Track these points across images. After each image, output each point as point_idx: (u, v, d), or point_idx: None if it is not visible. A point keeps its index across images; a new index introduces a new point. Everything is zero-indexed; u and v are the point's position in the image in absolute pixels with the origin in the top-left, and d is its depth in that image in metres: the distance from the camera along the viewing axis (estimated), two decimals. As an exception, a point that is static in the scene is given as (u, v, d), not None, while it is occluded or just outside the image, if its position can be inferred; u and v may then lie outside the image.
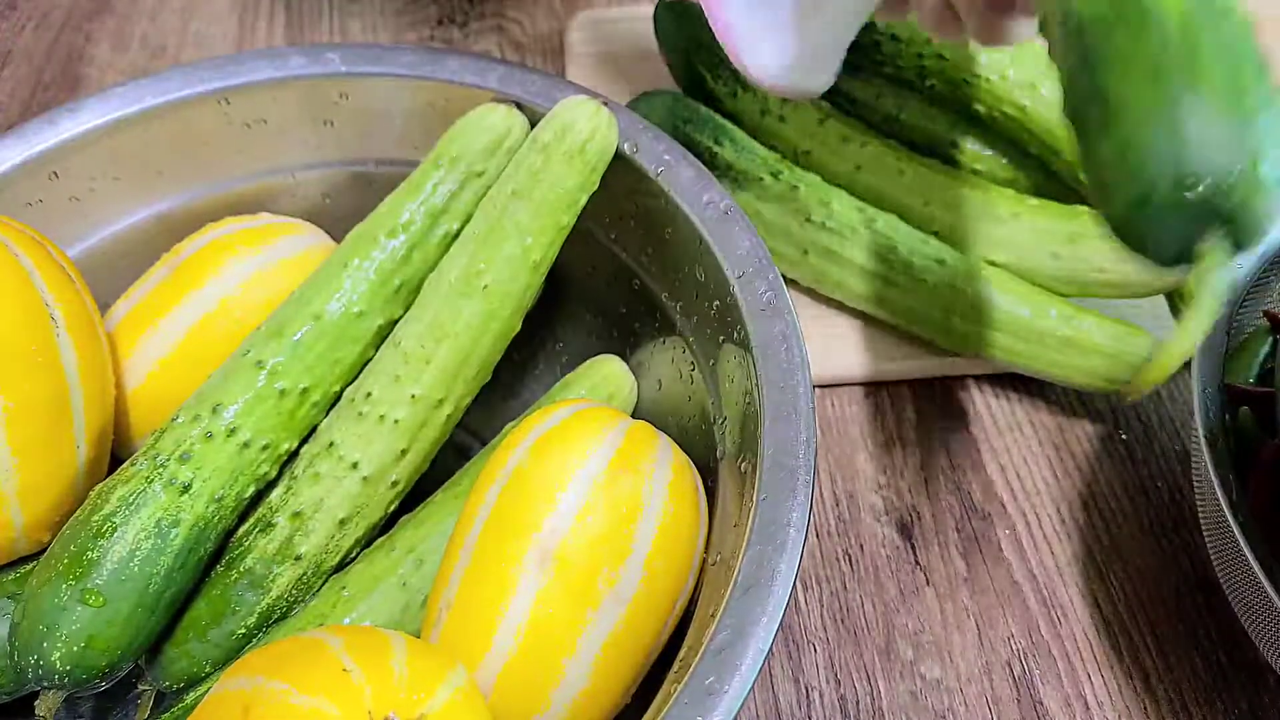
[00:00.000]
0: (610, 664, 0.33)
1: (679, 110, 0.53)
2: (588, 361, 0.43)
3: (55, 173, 0.41)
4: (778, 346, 0.34)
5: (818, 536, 0.45)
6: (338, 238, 0.44)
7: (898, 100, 0.52)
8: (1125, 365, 0.47)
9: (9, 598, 0.36)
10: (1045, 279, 0.48)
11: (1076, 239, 0.47)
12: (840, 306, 0.51)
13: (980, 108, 0.49)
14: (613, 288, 0.43)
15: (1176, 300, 0.48)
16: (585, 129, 0.39)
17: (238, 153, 0.44)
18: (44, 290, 0.35)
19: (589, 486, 0.33)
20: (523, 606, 0.32)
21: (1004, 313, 0.47)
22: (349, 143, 0.45)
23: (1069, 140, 0.48)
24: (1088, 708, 0.40)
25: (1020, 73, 0.48)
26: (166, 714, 0.36)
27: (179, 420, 0.37)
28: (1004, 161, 0.51)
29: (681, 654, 0.32)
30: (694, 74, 0.55)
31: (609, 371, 0.42)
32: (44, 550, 0.37)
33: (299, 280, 0.41)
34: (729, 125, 0.52)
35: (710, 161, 0.51)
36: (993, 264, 0.48)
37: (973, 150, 0.51)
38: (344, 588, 0.37)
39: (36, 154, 0.41)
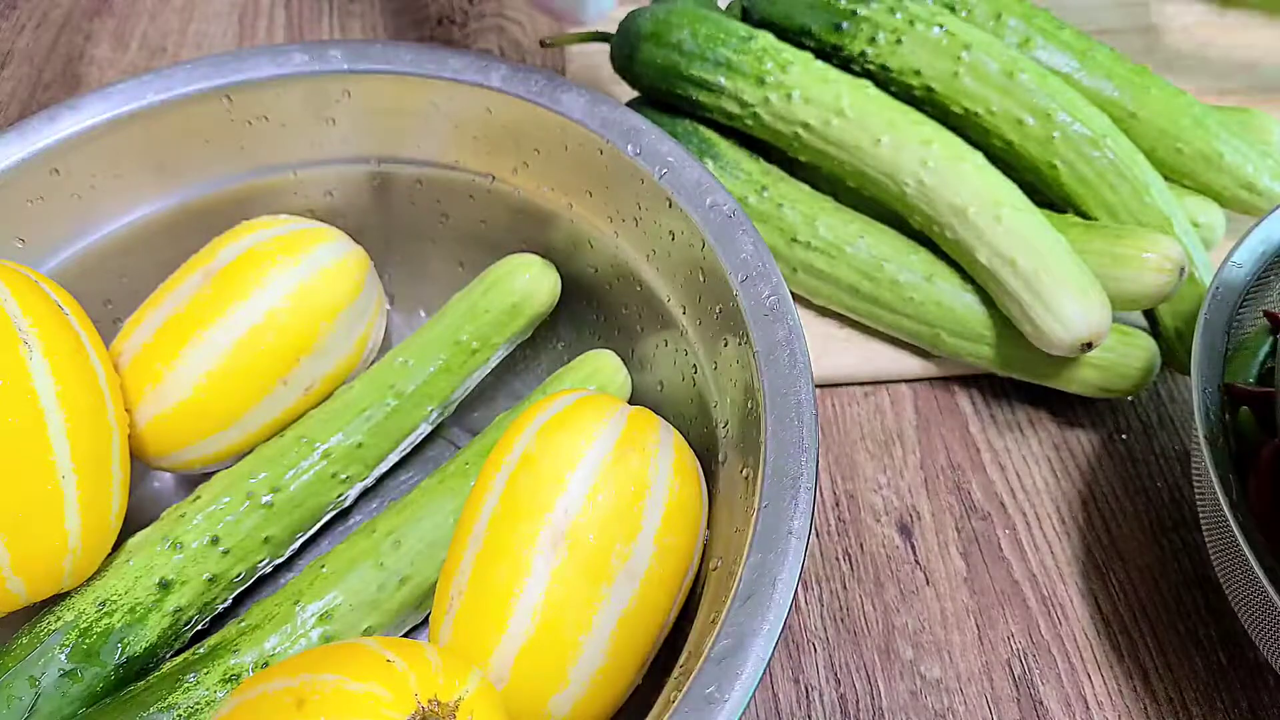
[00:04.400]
0: (625, 640, 0.33)
1: (661, 123, 0.51)
2: (580, 356, 0.43)
3: (57, 169, 0.41)
4: (780, 351, 0.34)
5: (818, 536, 0.45)
6: (339, 236, 0.45)
7: None
8: (1120, 375, 0.47)
9: None
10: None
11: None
12: (839, 307, 0.51)
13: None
14: (616, 288, 0.43)
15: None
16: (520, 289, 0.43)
17: (240, 150, 0.44)
18: (17, 316, 0.34)
19: (598, 466, 0.34)
20: (538, 586, 0.32)
21: (994, 329, 0.47)
22: (351, 140, 0.45)
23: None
24: (1088, 708, 0.41)
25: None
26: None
27: None
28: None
29: (682, 660, 0.32)
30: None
31: (601, 364, 0.43)
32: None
33: (340, 290, 0.42)
34: (715, 138, 0.51)
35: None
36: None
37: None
38: (323, 566, 0.38)
39: (38, 151, 0.40)
